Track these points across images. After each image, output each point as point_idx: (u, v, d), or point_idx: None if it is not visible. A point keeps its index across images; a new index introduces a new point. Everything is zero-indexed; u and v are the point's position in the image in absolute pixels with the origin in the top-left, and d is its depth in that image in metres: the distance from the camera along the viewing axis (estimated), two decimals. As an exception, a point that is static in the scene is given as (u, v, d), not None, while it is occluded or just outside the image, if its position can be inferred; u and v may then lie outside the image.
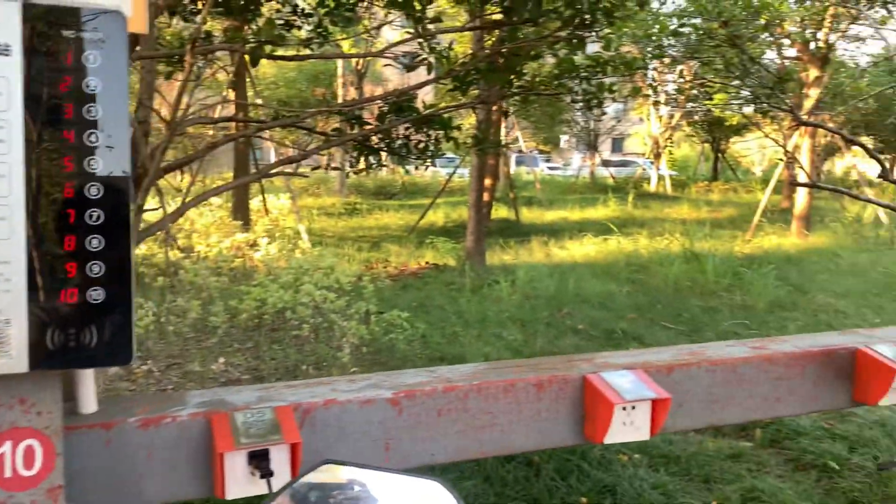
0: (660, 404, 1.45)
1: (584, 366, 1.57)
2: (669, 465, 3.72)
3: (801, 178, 12.14)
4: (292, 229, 12.37)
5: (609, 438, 1.42)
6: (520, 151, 28.65)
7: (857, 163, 19.35)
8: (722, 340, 5.90)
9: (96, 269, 1.03)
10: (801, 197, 13.70)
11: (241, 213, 12.42)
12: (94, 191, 1.03)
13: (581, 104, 3.76)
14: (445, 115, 3.94)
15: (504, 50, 3.41)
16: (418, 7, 3.52)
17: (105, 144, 1.03)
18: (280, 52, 4.05)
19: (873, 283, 9.46)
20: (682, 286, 9.08)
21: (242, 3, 3.59)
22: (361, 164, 3.99)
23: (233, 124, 6.66)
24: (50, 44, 1.01)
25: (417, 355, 5.90)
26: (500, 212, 16.97)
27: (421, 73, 3.98)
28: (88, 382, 1.21)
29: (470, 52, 5.12)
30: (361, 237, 13.69)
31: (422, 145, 4.06)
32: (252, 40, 2.65)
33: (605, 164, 29.97)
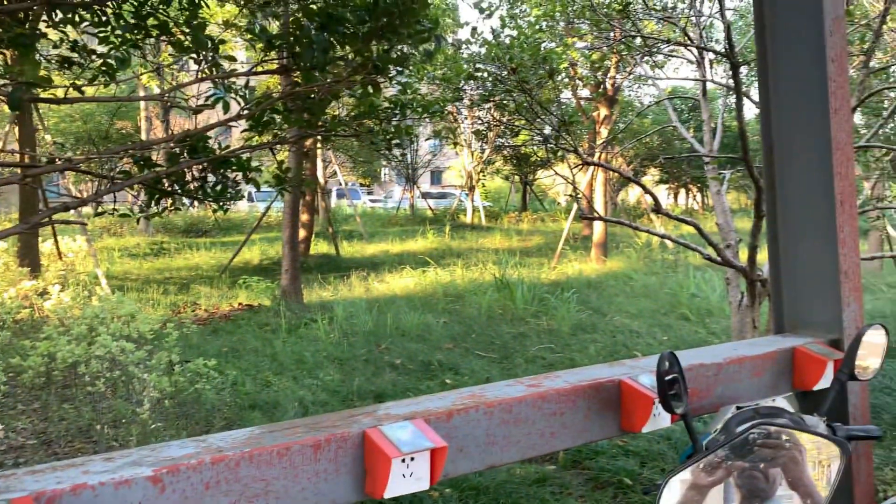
0: (438, 452, 1.47)
1: (366, 420, 1.56)
2: (479, 496, 3.82)
3: (591, 211, 13.18)
4: (90, 274, 11.43)
5: (389, 492, 1.42)
6: (339, 185, 28.62)
7: (642, 193, 21.33)
8: (530, 365, 6.20)
9: None
10: (599, 225, 14.83)
11: (29, 257, 11.26)
12: None
13: (381, 145, 3.82)
14: (244, 156, 3.84)
15: (299, 91, 3.39)
16: (203, 51, 3.42)
17: None
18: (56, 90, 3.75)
19: (662, 303, 10.40)
20: (495, 314, 9.45)
21: (13, 37, 3.29)
22: (153, 208, 3.78)
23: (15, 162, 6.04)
24: None
25: (227, 405, 5.63)
26: (320, 247, 16.80)
27: (222, 111, 3.85)
28: None
29: (269, 91, 5.04)
30: (168, 279, 12.93)
31: (219, 187, 3.92)
32: (13, 81, 2.42)
33: (425, 196, 30.74)
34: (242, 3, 3.34)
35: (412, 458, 1.47)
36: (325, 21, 2.52)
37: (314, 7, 2.60)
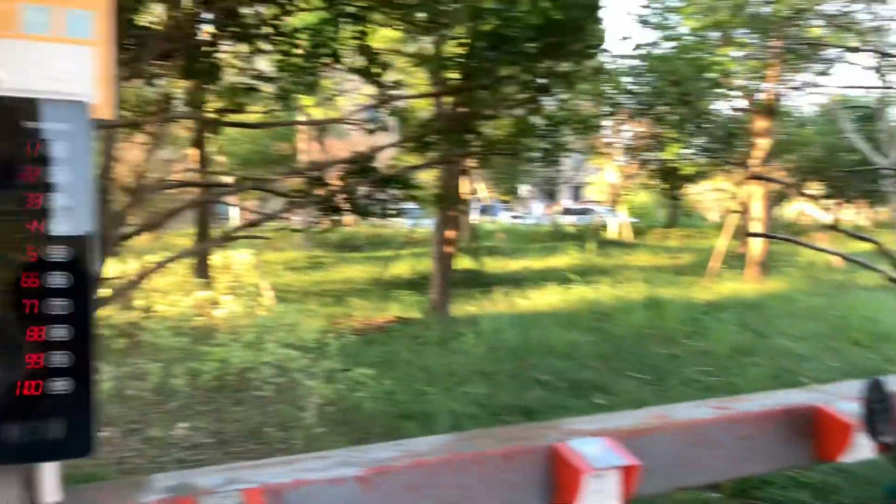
0: (629, 471, 1.46)
1: (552, 434, 1.58)
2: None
3: (756, 227, 12.49)
4: (255, 285, 12.24)
5: (579, 507, 1.43)
6: (481, 202, 28.97)
7: (805, 208, 19.98)
8: (686, 388, 5.95)
9: (58, 359, 1.02)
10: (757, 242, 14.06)
11: (202, 269, 12.26)
12: (60, 280, 1.02)
13: (539, 161, 3.85)
14: (408, 175, 4.00)
15: (463, 112, 3.49)
16: (376, 72, 3.60)
17: (69, 234, 1.03)
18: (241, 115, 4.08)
19: (829, 326, 9.68)
20: (645, 334, 9.18)
21: (205, 67, 3.63)
22: (325, 223, 4.01)
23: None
24: (13, 136, 1.01)
25: (384, 413, 5.83)
26: (464, 262, 17.06)
27: (384, 132, 4.04)
28: (51, 470, 1.18)
29: (430, 113, 5.23)
30: (325, 291, 13.59)
31: (384, 204, 4.10)
32: (214, 106, 2.67)
33: (566, 212, 30.46)
34: (410, 28, 3.50)
35: (602, 476, 1.46)
36: (496, 41, 2.59)
37: (484, 28, 2.68)
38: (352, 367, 6.63)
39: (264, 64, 4.41)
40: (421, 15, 3.50)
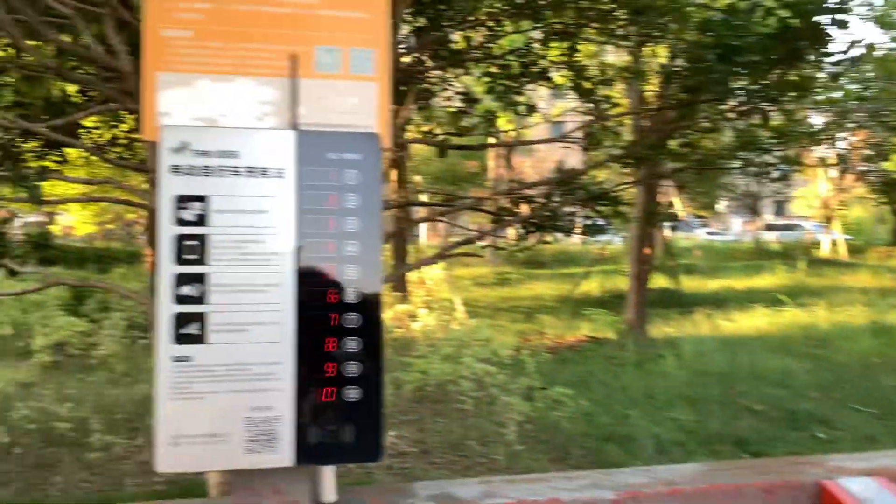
0: (910, 517, 1.32)
1: (815, 470, 1.46)
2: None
3: None
4: (447, 300, 12.61)
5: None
6: (677, 217, 27.81)
7: None
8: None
9: (353, 369, 1.11)
10: None
11: (399, 284, 12.85)
12: (352, 297, 1.12)
13: (762, 176, 3.62)
14: (614, 193, 3.93)
15: (678, 126, 3.38)
16: (587, 88, 3.58)
17: (362, 254, 1.12)
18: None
19: None
20: (871, 363, 8.29)
21: (418, 93, 3.82)
22: (527, 241, 4.04)
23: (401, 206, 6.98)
24: (317, 165, 1.13)
25: (583, 435, 5.75)
26: (659, 281, 16.43)
27: (577, 147, 4.00)
28: (331, 472, 1.29)
29: (639, 128, 5.11)
30: (514, 308, 13.70)
31: (589, 221, 4.05)
32: (422, 129, 2.80)
33: (769, 228, 28.39)
34: (622, 43, 3.46)
35: (880, 521, 1.33)
36: (725, 51, 2.48)
37: (710, 38, 2.58)
38: (548, 385, 6.61)
39: (468, 86, 4.56)
40: (634, 28, 3.45)
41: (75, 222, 14.45)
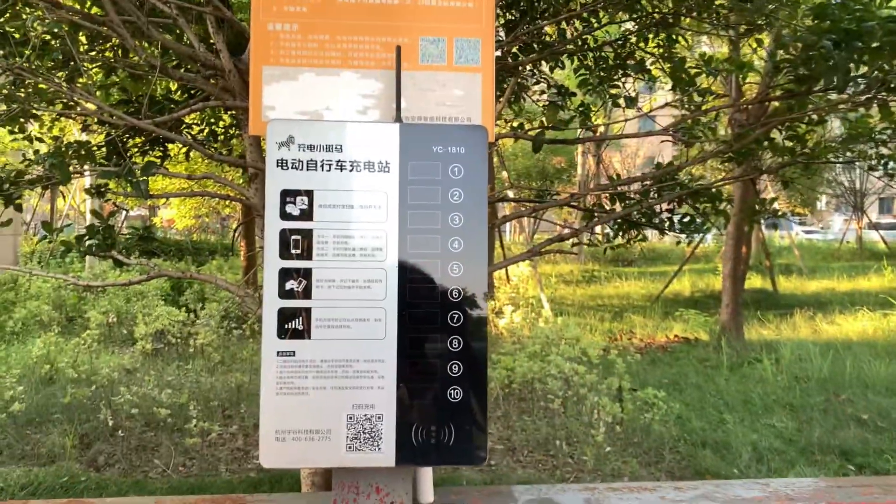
0: None
1: (954, 492, 1.34)
2: None
3: None
4: (534, 297, 12.49)
5: None
6: (773, 215, 26.63)
7: None
8: None
9: (456, 368, 1.08)
10: None
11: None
12: (455, 294, 1.09)
13: (874, 171, 3.38)
14: (714, 189, 3.76)
15: (785, 118, 3.19)
16: (686, 81, 3.43)
17: (466, 251, 1.09)
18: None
19: None
20: None
21: (511, 91, 3.76)
22: (620, 238, 3.92)
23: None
24: (422, 159, 1.10)
25: (675, 438, 5.56)
26: (754, 281, 15.79)
27: (668, 143, 3.85)
28: (429, 472, 1.26)
29: (735, 121, 4.89)
30: (602, 306, 13.45)
31: (687, 219, 3.90)
32: (534, 126, 2.74)
33: (875, 226, 26.80)
34: (727, 34, 3.30)
35: None
36: (842, 37, 2.31)
37: (824, 24, 2.41)
38: (638, 386, 6.44)
39: (554, 80, 4.47)
40: (737, 17, 3.28)
41: (175, 216, 15.12)
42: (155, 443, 5.42)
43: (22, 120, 4.20)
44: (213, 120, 4.78)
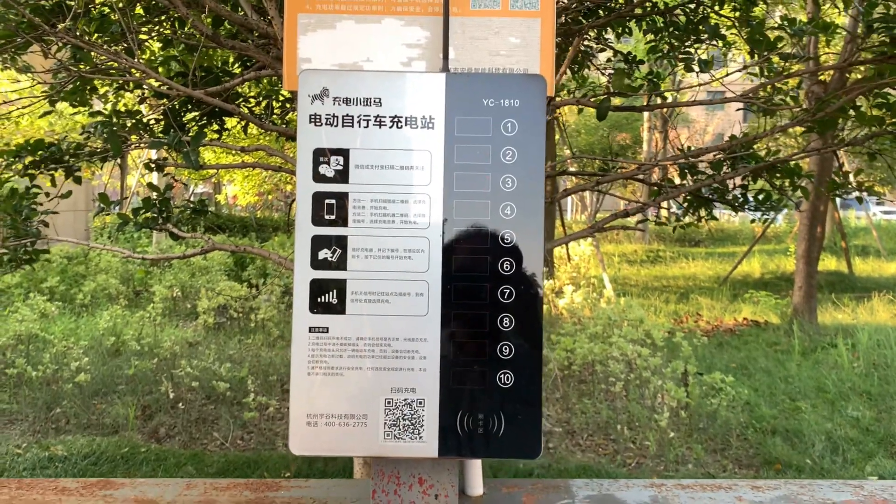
0: None
1: None
2: None
3: None
4: (595, 277, 12.23)
5: None
6: (858, 188, 25.44)
7: None
8: None
9: (507, 350, 0.96)
10: None
11: (544, 259, 12.60)
12: (507, 267, 0.97)
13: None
14: (792, 163, 3.52)
15: (882, 83, 2.93)
16: (766, 46, 3.19)
17: (520, 218, 0.96)
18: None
19: None
20: None
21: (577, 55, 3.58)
22: (689, 215, 3.72)
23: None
24: (471, 114, 0.97)
25: (743, 425, 5.32)
26: (828, 263, 15.11)
27: (732, 114, 3.60)
28: (478, 462, 1.15)
29: (811, 91, 4.58)
30: (667, 287, 13.08)
31: (762, 195, 3.66)
32: (599, 92, 2.57)
33: (961, 208, 25.33)
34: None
35: None
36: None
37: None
38: (705, 370, 6.19)
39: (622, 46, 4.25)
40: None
41: (238, 192, 15.35)
42: (214, 416, 5.49)
43: (83, 93, 4.24)
44: (271, 94, 4.74)
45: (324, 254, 0.95)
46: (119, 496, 1.19)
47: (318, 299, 0.95)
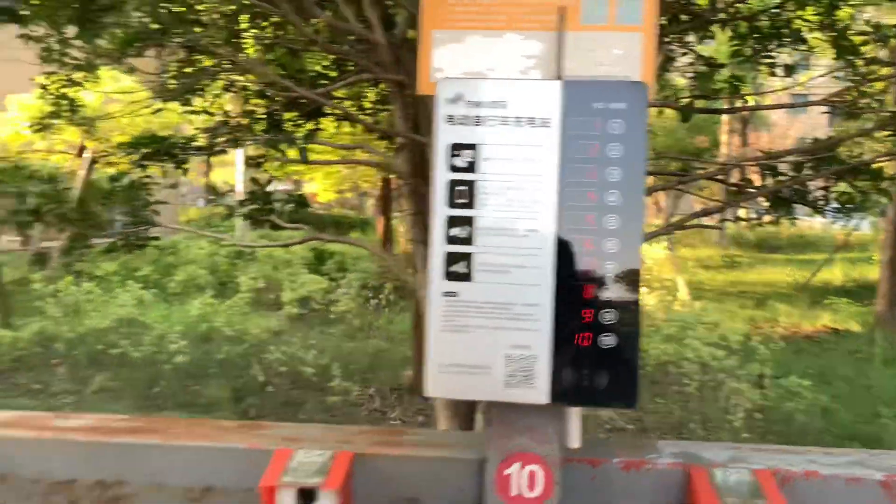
0: None
1: None
2: None
3: None
4: (670, 280, 12.13)
5: None
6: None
7: None
8: None
9: (609, 316, 1.13)
10: None
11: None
12: (611, 245, 1.13)
13: None
14: (876, 165, 3.53)
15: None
16: (851, 49, 3.24)
17: (622, 204, 1.13)
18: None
19: None
20: None
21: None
22: (769, 217, 3.76)
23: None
24: (582, 115, 1.15)
25: (820, 430, 5.29)
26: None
27: (815, 118, 3.62)
28: (577, 419, 1.32)
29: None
30: (743, 293, 12.85)
31: (844, 198, 3.68)
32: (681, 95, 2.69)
33: None
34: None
35: None
36: None
37: None
38: (781, 375, 6.15)
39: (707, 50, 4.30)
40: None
41: (319, 190, 15.88)
42: (300, 399, 5.80)
43: (189, 95, 4.59)
44: (361, 96, 5.00)
45: (455, 231, 1.14)
46: (269, 434, 1.41)
47: (450, 269, 1.14)
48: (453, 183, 1.14)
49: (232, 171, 15.15)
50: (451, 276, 1.14)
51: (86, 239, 4.02)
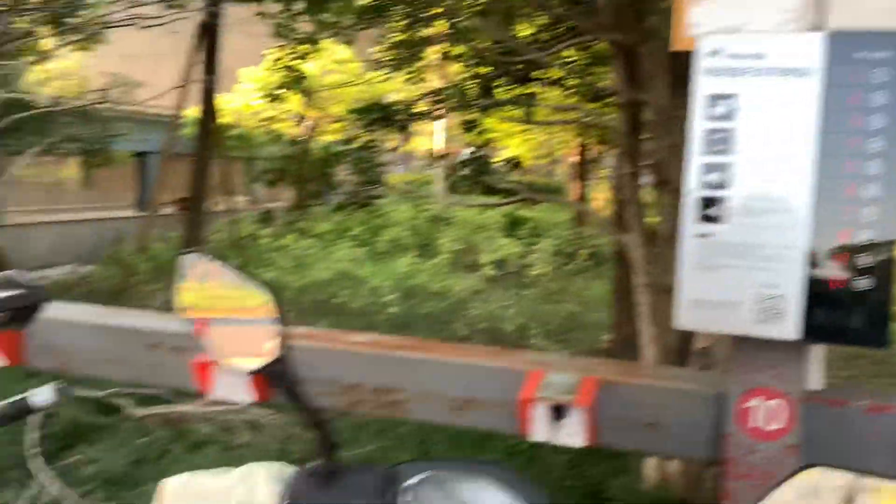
0: None
1: None
2: None
3: None
4: None
5: None
6: None
7: None
8: None
9: (863, 259, 1.17)
10: None
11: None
12: (869, 191, 1.17)
13: None
14: None
15: None
16: None
17: (883, 151, 1.15)
18: None
19: None
20: None
21: None
22: None
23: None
24: (842, 65, 1.18)
25: None
26: None
27: None
28: (819, 361, 1.37)
29: None
30: None
31: None
32: None
33: None
34: None
35: None
36: None
37: None
38: None
39: None
40: None
41: (520, 154, 16.08)
42: (501, 355, 6.06)
43: (406, 65, 4.93)
44: (568, 60, 5.06)
45: (709, 177, 1.23)
46: (519, 358, 1.60)
47: (705, 213, 1.23)
48: (709, 132, 1.23)
49: (426, 139, 15.77)
50: (705, 218, 1.23)
51: (320, 196, 4.52)
